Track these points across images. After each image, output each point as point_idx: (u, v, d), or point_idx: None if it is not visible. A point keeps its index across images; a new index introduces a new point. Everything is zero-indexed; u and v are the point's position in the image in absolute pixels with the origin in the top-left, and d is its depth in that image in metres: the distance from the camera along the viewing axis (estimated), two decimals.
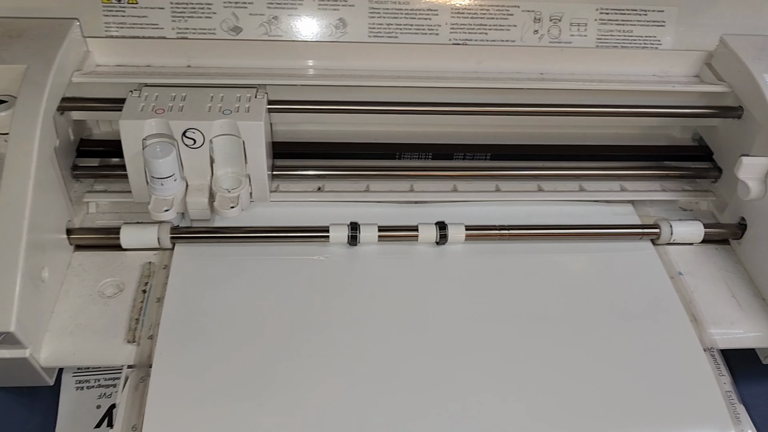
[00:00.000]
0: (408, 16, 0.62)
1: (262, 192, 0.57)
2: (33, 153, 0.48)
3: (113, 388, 0.56)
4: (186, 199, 0.54)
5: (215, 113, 0.52)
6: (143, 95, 0.54)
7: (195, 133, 0.52)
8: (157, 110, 0.52)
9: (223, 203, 0.54)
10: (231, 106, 0.53)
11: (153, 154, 0.51)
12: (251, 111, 0.53)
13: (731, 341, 0.53)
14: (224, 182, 0.55)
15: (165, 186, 0.52)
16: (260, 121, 0.53)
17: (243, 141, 0.53)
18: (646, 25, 0.65)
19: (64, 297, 0.52)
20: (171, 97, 0.54)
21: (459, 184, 0.62)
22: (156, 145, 0.51)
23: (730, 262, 0.59)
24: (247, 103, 0.54)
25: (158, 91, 0.54)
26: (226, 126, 0.52)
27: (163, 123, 0.52)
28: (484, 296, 0.54)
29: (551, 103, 0.61)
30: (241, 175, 0.55)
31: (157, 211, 0.53)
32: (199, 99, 0.54)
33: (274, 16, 0.61)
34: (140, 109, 0.52)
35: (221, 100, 0.54)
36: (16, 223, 0.45)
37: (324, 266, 0.55)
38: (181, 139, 0.52)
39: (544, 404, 0.47)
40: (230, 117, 0.52)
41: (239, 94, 0.55)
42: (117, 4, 0.59)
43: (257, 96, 0.55)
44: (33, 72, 0.51)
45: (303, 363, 0.48)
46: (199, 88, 0.55)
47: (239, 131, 0.53)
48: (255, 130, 0.53)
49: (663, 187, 0.64)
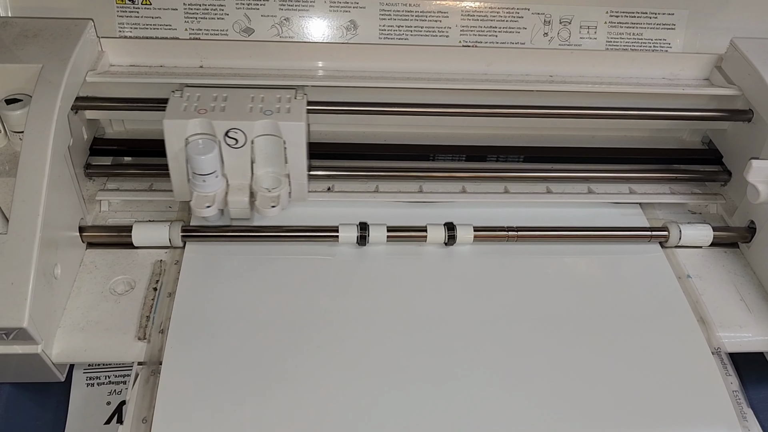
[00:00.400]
0: (418, 18, 0.62)
1: (301, 192, 0.57)
2: (47, 151, 0.48)
3: (123, 384, 0.57)
4: (227, 198, 0.54)
5: (257, 113, 0.53)
6: (185, 95, 0.54)
7: (237, 133, 0.52)
8: (199, 110, 0.53)
9: (264, 203, 0.54)
10: (272, 107, 0.54)
11: (196, 151, 0.51)
12: (292, 112, 0.54)
13: (740, 345, 0.53)
14: (264, 182, 0.55)
15: (207, 183, 0.53)
16: (301, 121, 0.53)
17: (284, 141, 0.54)
18: (656, 28, 0.65)
19: (76, 294, 0.52)
20: (212, 98, 0.54)
21: (468, 186, 0.62)
22: (199, 142, 0.52)
23: (739, 266, 0.59)
24: (288, 104, 0.54)
25: (200, 92, 0.55)
26: (267, 126, 0.53)
27: (206, 123, 0.52)
28: (491, 297, 0.54)
29: (560, 105, 0.61)
30: (281, 174, 0.56)
31: (199, 207, 0.53)
32: (241, 99, 0.54)
33: (286, 17, 0.61)
34: (183, 109, 0.53)
35: (262, 101, 0.54)
36: (31, 220, 0.46)
37: (333, 266, 0.56)
38: (224, 138, 0.52)
39: (551, 405, 0.47)
40: (272, 117, 0.53)
41: (279, 95, 0.55)
42: (131, 4, 0.60)
43: (297, 97, 0.55)
44: (48, 71, 0.51)
45: (310, 360, 0.49)
46: (240, 89, 0.55)
47: (280, 131, 0.53)
48: (296, 131, 0.53)
49: (672, 189, 0.64)
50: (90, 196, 0.59)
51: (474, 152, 0.65)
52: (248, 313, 0.52)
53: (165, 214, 0.60)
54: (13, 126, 0.52)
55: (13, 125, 0.52)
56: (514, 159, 0.65)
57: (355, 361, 0.49)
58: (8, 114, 0.52)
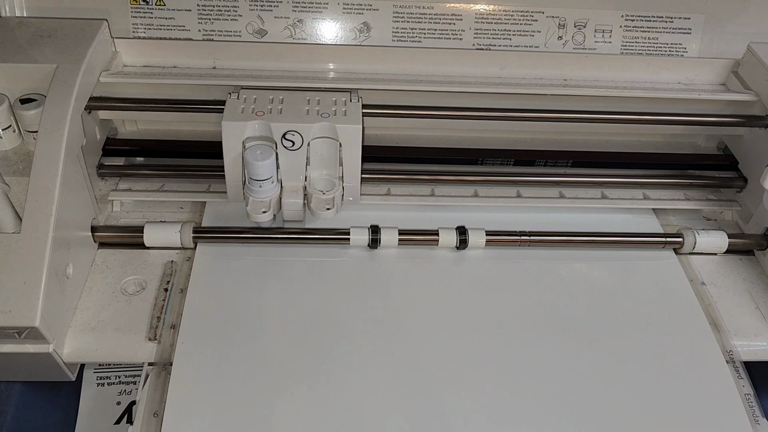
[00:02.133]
0: (432, 20, 0.62)
1: (354, 194, 0.58)
2: (61, 151, 0.48)
3: (134, 385, 0.57)
4: (282, 200, 0.55)
5: (314, 116, 0.53)
6: (242, 97, 0.55)
7: (294, 135, 0.53)
8: (257, 112, 0.53)
9: (319, 205, 0.54)
10: (328, 110, 0.54)
11: (254, 157, 0.52)
12: (348, 114, 0.54)
13: (755, 353, 0.52)
14: (318, 184, 0.56)
15: (263, 188, 0.53)
16: (358, 124, 0.53)
17: (340, 143, 0.54)
18: (671, 33, 0.64)
19: (87, 293, 0.52)
20: (269, 100, 0.55)
21: (480, 190, 0.62)
22: (257, 148, 0.52)
23: (754, 273, 0.58)
24: (344, 107, 0.55)
25: (256, 93, 0.55)
26: (325, 129, 0.53)
27: (264, 125, 0.53)
28: (503, 302, 0.54)
29: (574, 109, 0.61)
30: (334, 177, 0.56)
31: (255, 213, 0.54)
32: (297, 102, 0.55)
33: (299, 19, 0.61)
34: (240, 111, 0.53)
35: (318, 103, 0.55)
36: (43, 219, 0.46)
37: (344, 268, 0.56)
38: (281, 140, 0.53)
39: (563, 409, 0.47)
40: (329, 120, 0.53)
41: (335, 98, 0.56)
42: (145, 5, 0.60)
43: (352, 100, 0.56)
44: (62, 71, 0.52)
45: (319, 360, 0.49)
46: (295, 91, 0.56)
47: (337, 134, 0.53)
48: (353, 134, 0.54)
49: (687, 196, 0.64)
50: (102, 196, 0.59)
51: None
52: (258, 313, 0.52)
53: (177, 214, 0.60)
54: (27, 125, 0.52)
55: (28, 125, 0.52)
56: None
57: (365, 361, 0.49)
58: (23, 113, 0.52)
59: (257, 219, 0.54)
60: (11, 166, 0.52)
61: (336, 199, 0.55)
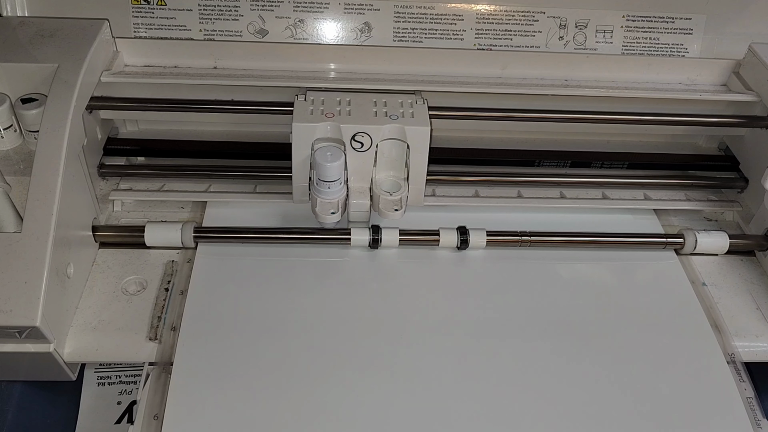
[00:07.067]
0: (433, 20, 0.62)
1: (418, 196, 0.58)
2: (62, 151, 0.48)
3: (134, 384, 0.57)
4: (350, 201, 0.55)
5: (382, 118, 0.54)
6: (309, 99, 0.55)
7: (363, 137, 0.53)
8: (327, 114, 0.53)
9: (387, 206, 0.55)
10: (396, 111, 0.54)
11: (324, 158, 0.52)
12: (416, 116, 0.54)
13: (756, 354, 0.52)
14: (384, 185, 0.56)
15: (331, 189, 0.54)
16: (427, 126, 0.54)
17: (407, 145, 0.54)
18: (673, 33, 0.64)
19: (88, 293, 0.52)
20: (337, 102, 0.55)
21: (481, 190, 0.62)
22: (327, 150, 0.53)
23: (755, 274, 0.58)
24: (411, 109, 0.55)
25: (323, 95, 0.56)
26: (394, 131, 0.54)
27: (334, 126, 0.53)
28: (504, 302, 0.54)
29: (575, 109, 0.61)
30: (400, 178, 0.56)
31: (324, 214, 0.54)
32: (364, 103, 0.55)
33: (300, 19, 0.61)
34: (310, 112, 0.54)
35: (385, 105, 0.55)
36: (44, 219, 0.46)
37: (344, 268, 0.56)
38: (350, 142, 0.53)
39: (564, 410, 0.47)
40: (398, 122, 0.53)
41: (401, 100, 0.56)
42: (146, 5, 0.60)
43: (417, 102, 0.56)
44: (64, 71, 0.52)
45: (320, 360, 0.49)
46: (362, 93, 0.56)
47: (406, 136, 0.54)
48: (421, 135, 0.54)
49: (688, 196, 0.64)
50: (103, 195, 0.59)
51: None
52: (259, 313, 0.51)
53: (178, 214, 0.60)
54: (28, 125, 0.53)
55: (29, 124, 0.52)
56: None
57: (365, 362, 0.49)
58: (24, 113, 0.52)
59: (325, 220, 0.54)
60: (12, 165, 0.52)
61: (403, 200, 0.55)
